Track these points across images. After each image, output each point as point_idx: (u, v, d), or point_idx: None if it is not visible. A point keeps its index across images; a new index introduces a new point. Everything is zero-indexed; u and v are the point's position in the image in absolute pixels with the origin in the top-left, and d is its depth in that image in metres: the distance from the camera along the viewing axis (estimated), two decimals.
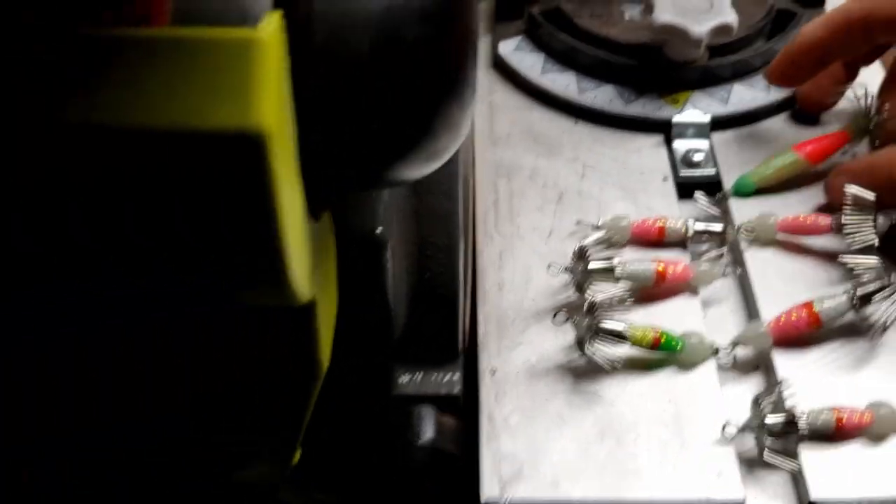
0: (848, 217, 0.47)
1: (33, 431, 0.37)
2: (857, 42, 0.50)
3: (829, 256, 0.48)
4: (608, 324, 0.43)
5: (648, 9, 0.55)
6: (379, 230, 0.38)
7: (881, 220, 0.46)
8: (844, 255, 0.45)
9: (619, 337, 0.43)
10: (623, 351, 0.44)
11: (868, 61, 0.54)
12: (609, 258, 0.46)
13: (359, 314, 0.41)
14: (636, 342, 0.44)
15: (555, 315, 0.43)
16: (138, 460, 0.39)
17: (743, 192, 0.52)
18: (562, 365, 0.45)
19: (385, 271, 0.39)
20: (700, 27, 0.52)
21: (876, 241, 0.46)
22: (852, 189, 0.47)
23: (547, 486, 0.41)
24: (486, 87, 0.59)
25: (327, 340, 0.37)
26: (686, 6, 0.54)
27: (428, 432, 0.43)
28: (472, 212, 0.52)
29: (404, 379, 0.44)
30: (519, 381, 0.44)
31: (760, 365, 0.46)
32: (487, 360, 0.45)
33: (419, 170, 0.31)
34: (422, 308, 0.43)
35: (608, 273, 0.46)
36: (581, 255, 0.46)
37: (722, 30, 0.53)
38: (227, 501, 0.45)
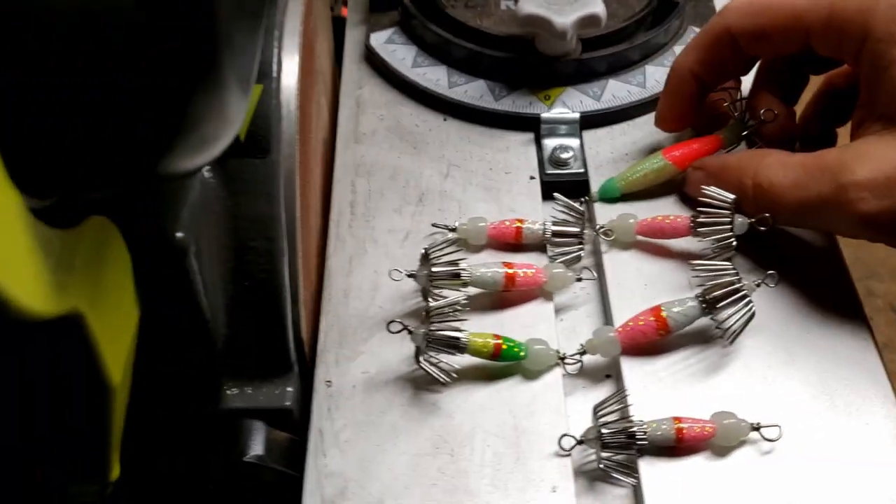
0: (704, 218, 0.45)
1: None
2: (728, 60, 0.48)
3: (691, 259, 0.47)
4: (443, 332, 0.41)
5: None
6: (180, 234, 0.36)
7: (739, 220, 0.45)
8: (693, 261, 0.43)
9: (455, 347, 0.41)
10: (465, 360, 0.42)
11: (745, 73, 0.52)
12: (455, 262, 0.44)
13: (172, 324, 0.39)
14: (476, 351, 0.42)
15: (389, 324, 0.41)
16: None
17: (608, 196, 0.50)
18: (402, 376, 0.43)
19: (192, 278, 0.37)
20: (564, 18, 0.50)
21: (733, 242, 0.45)
22: (710, 190, 0.45)
23: None
24: (356, 82, 0.57)
25: (116, 354, 0.34)
26: None
27: (255, 447, 0.41)
28: (326, 215, 0.50)
29: (233, 392, 0.42)
30: (355, 394, 0.42)
31: (612, 374, 0.44)
32: (324, 372, 0.43)
33: (190, 160, 0.29)
34: (245, 317, 0.40)
35: (454, 278, 0.44)
36: (426, 259, 0.44)
37: (589, 20, 0.51)
38: None
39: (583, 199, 0.48)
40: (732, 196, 0.45)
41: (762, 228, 0.44)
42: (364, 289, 0.46)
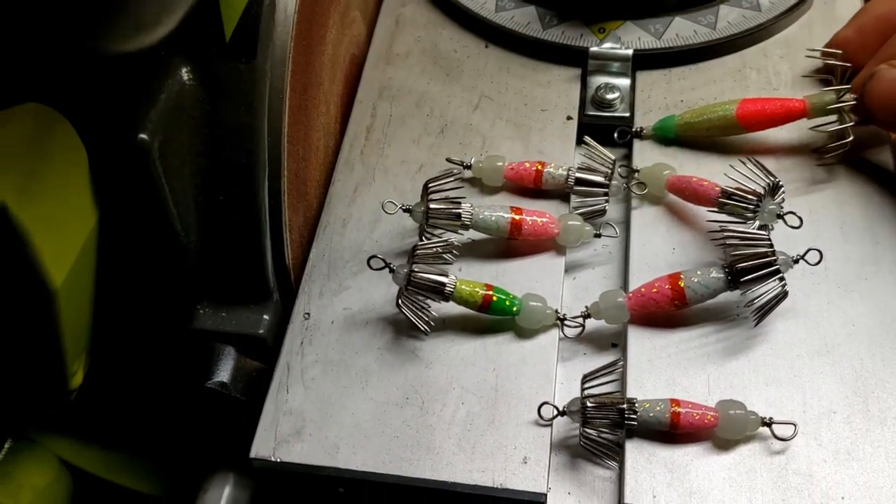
0: (732, 198, 0.39)
1: None
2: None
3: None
4: (426, 275, 0.37)
5: None
6: (143, 136, 0.33)
7: (770, 208, 0.38)
8: (724, 223, 0.38)
9: (438, 293, 0.37)
10: (456, 310, 0.38)
11: None
12: (456, 200, 0.40)
13: (138, 232, 0.36)
14: (462, 300, 0.38)
15: (370, 259, 0.38)
16: None
17: (662, 135, 0.44)
18: (385, 317, 0.39)
19: (156, 182, 0.34)
20: None
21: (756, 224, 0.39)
22: (750, 167, 0.39)
23: (324, 451, 0.36)
24: None
25: (59, 254, 0.32)
26: None
27: (221, 374, 0.38)
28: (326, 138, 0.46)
29: (206, 312, 0.39)
30: (332, 330, 0.39)
31: (619, 343, 0.39)
32: (305, 303, 0.40)
33: (124, 43, 0.26)
34: (220, 235, 0.38)
35: (454, 218, 0.40)
36: (426, 193, 0.40)
37: None
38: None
39: (628, 133, 0.43)
40: (770, 180, 0.38)
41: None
42: (364, 220, 0.43)
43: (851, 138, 0.42)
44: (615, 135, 0.45)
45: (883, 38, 0.44)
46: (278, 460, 0.36)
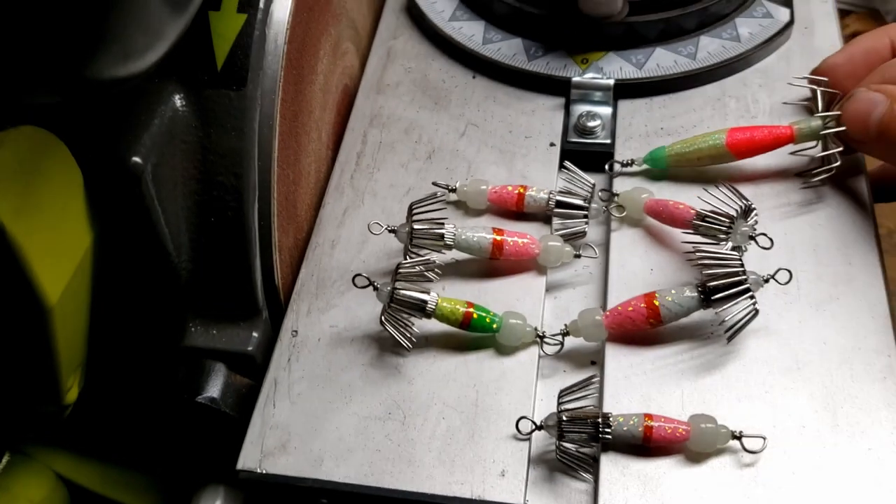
0: (708, 220, 0.40)
1: None
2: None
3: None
4: (408, 293, 0.38)
5: None
6: (136, 159, 0.35)
7: (743, 229, 0.39)
8: (697, 244, 0.39)
9: (420, 310, 0.39)
10: (439, 327, 0.40)
11: None
12: (440, 221, 0.41)
13: (132, 252, 0.38)
14: (443, 317, 0.39)
15: (355, 277, 0.39)
16: None
17: (653, 165, 0.46)
18: (370, 335, 0.41)
19: (148, 204, 0.36)
20: None
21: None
22: (724, 190, 0.40)
23: (309, 463, 0.37)
24: (391, 31, 0.55)
25: (55, 273, 0.34)
26: None
27: (211, 389, 0.40)
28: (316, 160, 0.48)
29: (197, 329, 0.41)
30: (318, 347, 0.41)
31: (598, 361, 0.41)
32: (293, 320, 0.42)
33: (115, 69, 0.28)
34: (211, 255, 0.39)
35: (437, 238, 0.41)
36: (411, 214, 0.41)
37: None
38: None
39: (619, 164, 0.44)
40: (742, 203, 0.40)
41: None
42: (352, 241, 0.44)
43: (839, 163, 0.43)
44: (606, 167, 0.46)
45: (870, 68, 0.45)
46: (264, 472, 0.37)
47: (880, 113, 0.42)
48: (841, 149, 0.44)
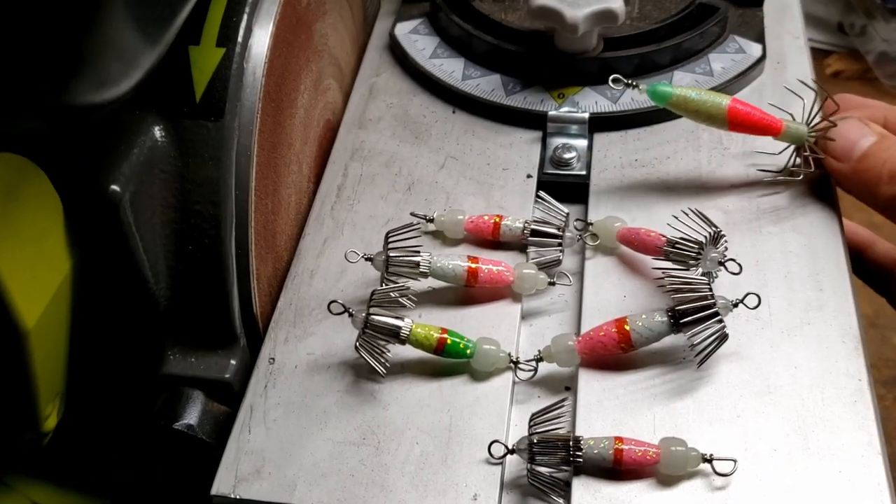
0: (678, 247, 0.41)
1: None
2: None
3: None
4: (382, 319, 0.39)
5: None
6: (114, 188, 0.35)
7: (712, 255, 0.40)
8: (666, 270, 0.40)
9: (395, 336, 0.39)
10: (415, 354, 0.40)
11: None
12: (415, 249, 0.42)
13: (109, 278, 0.38)
14: (417, 342, 0.39)
15: (330, 304, 0.40)
16: None
17: (655, 98, 0.46)
18: (346, 362, 0.41)
19: (126, 232, 0.36)
20: (577, 11, 0.47)
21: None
22: (693, 219, 0.41)
23: (282, 488, 0.37)
24: (374, 69, 0.56)
25: (32, 297, 0.34)
26: None
27: (189, 416, 0.40)
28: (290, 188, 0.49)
29: (175, 357, 0.41)
30: (295, 374, 0.41)
31: (573, 386, 0.41)
32: (271, 348, 0.42)
33: (90, 96, 0.29)
34: (189, 283, 0.40)
35: (412, 266, 0.42)
36: (386, 242, 0.42)
37: (605, 16, 0.48)
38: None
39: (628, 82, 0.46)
40: (712, 230, 0.40)
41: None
42: (331, 271, 0.45)
43: (801, 178, 0.46)
44: (610, 80, 0.46)
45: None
46: (237, 497, 0.37)
47: (868, 143, 0.44)
48: (811, 169, 0.45)
